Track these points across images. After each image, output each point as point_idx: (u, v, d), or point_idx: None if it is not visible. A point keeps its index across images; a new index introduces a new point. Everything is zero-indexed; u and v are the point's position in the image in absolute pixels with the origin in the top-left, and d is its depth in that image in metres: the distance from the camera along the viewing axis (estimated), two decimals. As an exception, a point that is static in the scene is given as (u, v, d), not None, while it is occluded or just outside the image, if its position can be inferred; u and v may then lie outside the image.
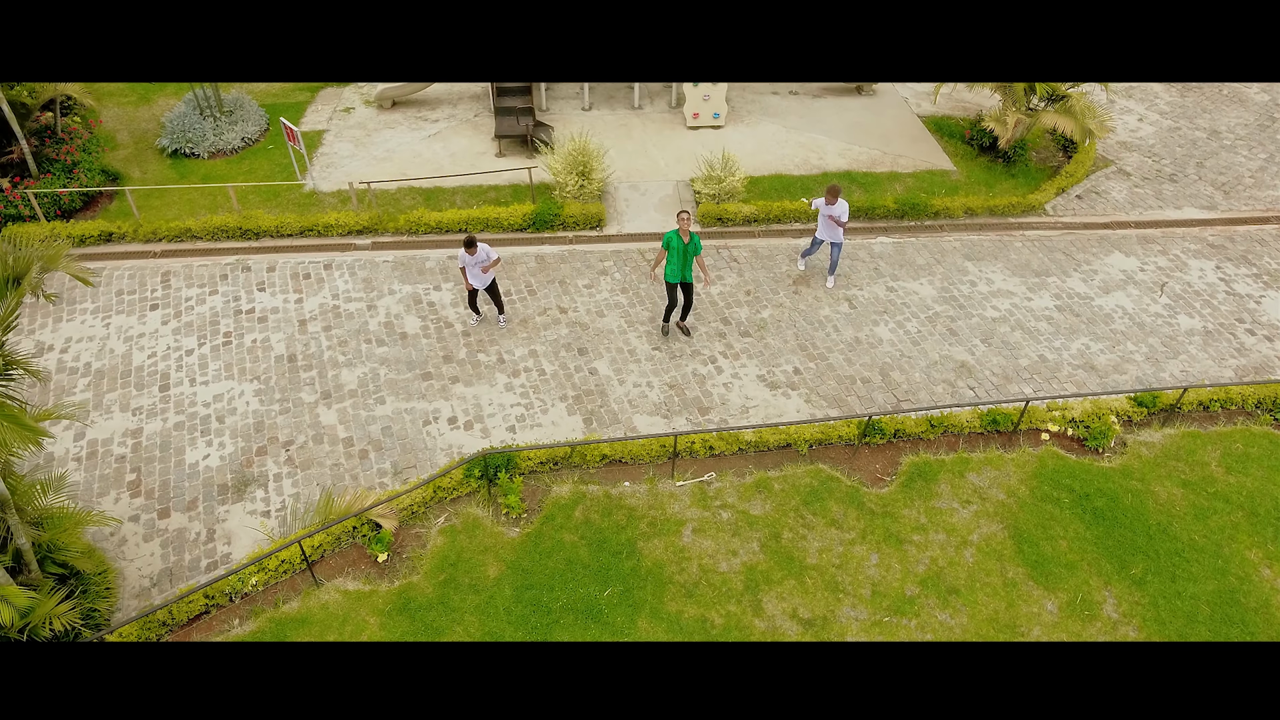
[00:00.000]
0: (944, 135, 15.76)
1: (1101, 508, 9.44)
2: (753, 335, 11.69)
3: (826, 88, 17.06)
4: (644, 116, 16.13)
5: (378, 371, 11.03)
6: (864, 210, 13.63)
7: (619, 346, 11.49)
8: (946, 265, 13.03)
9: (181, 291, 12.18)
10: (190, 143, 14.74)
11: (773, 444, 10.03)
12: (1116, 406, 10.37)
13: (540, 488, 9.60)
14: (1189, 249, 13.53)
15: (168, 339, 11.42)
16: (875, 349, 11.55)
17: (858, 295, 12.42)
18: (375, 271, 12.62)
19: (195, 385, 10.78)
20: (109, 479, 9.66)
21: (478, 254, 10.57)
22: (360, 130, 15.65)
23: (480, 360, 11.23)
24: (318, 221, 13.02)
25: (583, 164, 13.27)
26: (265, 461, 9.89)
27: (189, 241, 12.98)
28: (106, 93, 16.51)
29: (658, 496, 9.53)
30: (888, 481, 9.78)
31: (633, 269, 12.80)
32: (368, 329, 11.64)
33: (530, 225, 13.25)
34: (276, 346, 11.34)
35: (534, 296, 12.27)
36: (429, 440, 10.20)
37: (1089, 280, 12.82)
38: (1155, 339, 11.83)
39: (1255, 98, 17.38)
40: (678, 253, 10.57)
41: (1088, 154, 14.88)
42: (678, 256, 10.61)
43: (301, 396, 10.67)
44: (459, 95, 16.74)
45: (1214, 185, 14.86)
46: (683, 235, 10.46)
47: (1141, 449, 10.11)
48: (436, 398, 10.70)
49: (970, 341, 11.70)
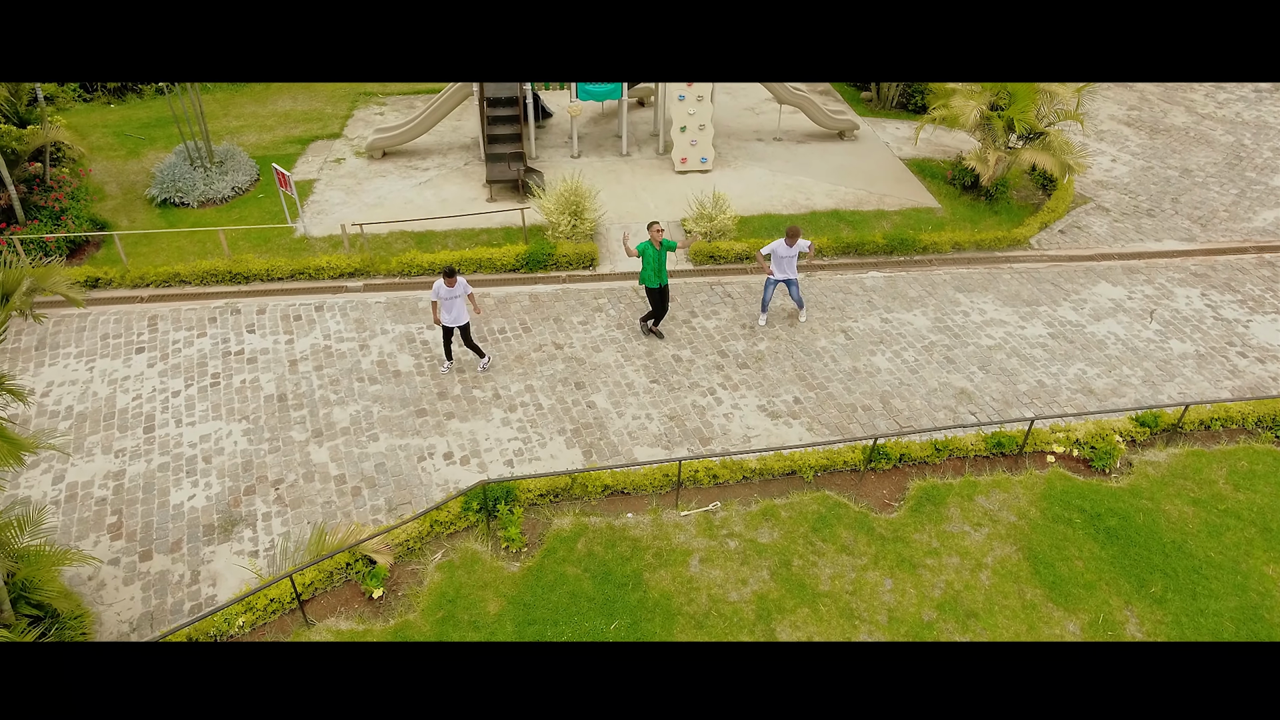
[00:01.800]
0: (926, 176, 16.11)
1: (1114, 527, 9.27)
2: (751, 367, 11.61)
3: (810, 134, 17.47)
4: (632, 163, 16.37)
5: (370, 409, 10.77)
6: (853, 246, 13.78)
7: (616, 380, 11.35)
8: (938, 297, 13.12)
9: (169, 335, 11.95)
10: (180, 192, 14.72)
11: (777, 471, 9.83)
12: (1119, 427, 10.31)
13: (541, 521, 9.29)
14: (1173, 278, 13.76)
15: (153, 381, 11.13)
16: (874, 378, 11.49)
17: (853, 327, 12.43)
18: (367, 312, 12.48)
19: (181, 426, 10.45)
20: (88, 522, 9.23)
21: (456, 286, 10.40)
22: (351, 179, 15.73)
23: (476, 396, 11.02)
24: (309, 264, 12.93)
25: (575, 204, 13.37)
26: (254, 501, 9.53)
27: (177, 286, 12.80)
28: (96, 146, 16.56)
29: (662, 527, 9.25)
30: (896, 506, 9.58)
31: (627, 305, 12.76)
32: (360, 368, 11.43)
33: (523, 265, 13.24)
34: (266, 386, 11.08)
35: (529, 333, 12.15)
36: (424, 476, 9.90)
37: (1079, 309, 12.94)
38: (1150, 363, 11.89)
39: (1221, 139, 18.02)
40: (653, 260, 11.07)
41: (1067, 191, 15.24)
42: (653, 263, 11.09)
43: (292, 435, 10.37)
44: (449, 145, 16.95)
45: (1190, 219, 15.23)
46: (654, 244, 11.01)
47: (1148, 468, 10.02)
48: (431, 434, 10.44)
49: (968, 369, 11.68)
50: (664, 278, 11.35)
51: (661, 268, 11.24)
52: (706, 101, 15.53)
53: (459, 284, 10.41)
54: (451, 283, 10.30)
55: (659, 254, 11.12)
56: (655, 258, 11.12)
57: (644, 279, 11.36)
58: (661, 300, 11.62)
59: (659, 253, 11.10)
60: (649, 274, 11.28)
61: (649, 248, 11.07)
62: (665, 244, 11.08)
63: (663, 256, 11.17)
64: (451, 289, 10.36)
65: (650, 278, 11.31)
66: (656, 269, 11.22)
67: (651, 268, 11.20)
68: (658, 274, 11.27)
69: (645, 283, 11.39)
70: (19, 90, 14.15)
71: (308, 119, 17.92)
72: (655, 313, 11.79)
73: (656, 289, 11.47)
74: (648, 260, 11.15)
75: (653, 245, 11.05)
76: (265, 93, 19.14)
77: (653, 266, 11.19)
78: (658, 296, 11.58)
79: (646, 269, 11.23)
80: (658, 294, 11.55)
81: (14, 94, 13.88)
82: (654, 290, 11.51)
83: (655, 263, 11.16)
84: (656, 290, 11.50)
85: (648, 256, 11.12)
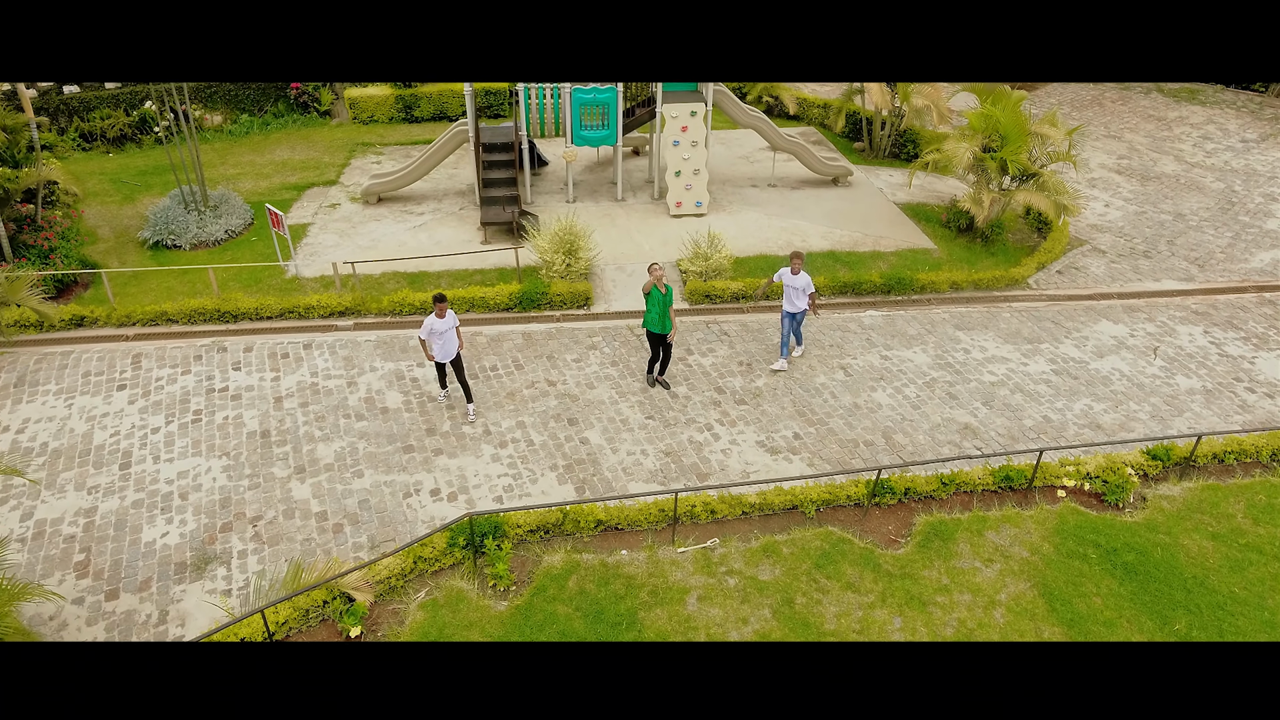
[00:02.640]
0: (921, 219, 16.13)
1: (1132, 562, 8.85)
2: (749, 403, 11.32)
3: (804, 180, 17.59)
4: (627, 208, 16.40)
5: (356, 445, 10.42)
6: (850, 285, 13.65)
7: (611, 416, 11.03)
8: (938, 334, 12.92)
9: (152, 372, 11.66)
10: (173, 234, 14.65)
11: (778, 506, 9.43)
12: (1131, 460, 9.98)
13: (530, 558, 8.85)
14: (1175, 316, 13.61)
15: (133, 418, 10.80)
16: (875, 413, 11.20)
17: (852, 364, 12.19)
18: (356, 350, 12.23)
19: (159, 463, 10.07)
20: (54, 560, 8.77)
21: (447, 317, 10.16)
22: (346, 223, 15.70)
23: (465, 432, 10.69)
24: (298, 303, 12.74)
25: (569, 243, 13.29)
26: (229, 538, 9.09)
27: (164, 325, 12.58)
28: (92, 192, 16.59)
29: (658, 564, 8.81)
30: (902, 542, 9.16)
31: (622, 343, 12.54)
32: (347, 404, 11.12)
33: (517, 304, 13.06)
34: (249, 423, 10.74)
35: (521, 371, 11.89)
36: (409, 513, 9.49)
37: (1081, 346, 12.74)
38: (1157, 398, 11.62)
39: (1211, 185, 18.17)
40: (658, 303, 10.66)
41: (1062, 233, 15.24)
42: (659, 306, 10.69)
43: (273, 471, 9.98)
44: (444, 191, 17.00)
45: (1188, 260, 15.20)
46: (659, 286, 10.64)
47: (1163, 503, 9.64)
48: (418, 470, 10.07)
49: (971, 404, 11.40)
50: (667, 324, 10.90)
51: (665, 313, 10.79)
52: (701, 147, 15.65)
53: (449, 315, 10.18)
54: (442, 311, 10.08)
55: (665, 298, 10.67)
56: (660, 301, 10.67)
57: (647, 322, 10.93)
58: (658, 345, 11.15)
59: (665, 296, 10.67)
60: (653, 318, 10.84)
61: (656, 291, 10.65)
62: (669, 293, 10.70)
63: (668, 300, 10.73)
64: (442, 319, 10.13)
65: (654, 322, 10.85)
66: (661, 313, 10.76)
67: (656, 311, 10.77)
68: (661, 319, 10.80)
69: (648, 326, 10.93)
70: (17, 137, 14.22)
71: (304, 167, 18.03)
72: (654, 357, 11.34)
73: (658, 335, 10.98)
74: (653, 303, 10.74)
75: (658, 288, 10.64)
76: (264, 142, 19.33)
77: (658, 310, 10.75)
78: (657, 342, 11.13)
79: (651, 312, 10.82)
80: (658, 340, 11.09)
81: (12, 140, 13.93)
82: (655, 336, 11.03)
83: (660, 306, 10.71)
84: (658, 336, 11.02)
85: (653, 298, 10.69)
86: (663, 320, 10.84)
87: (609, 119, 15.43)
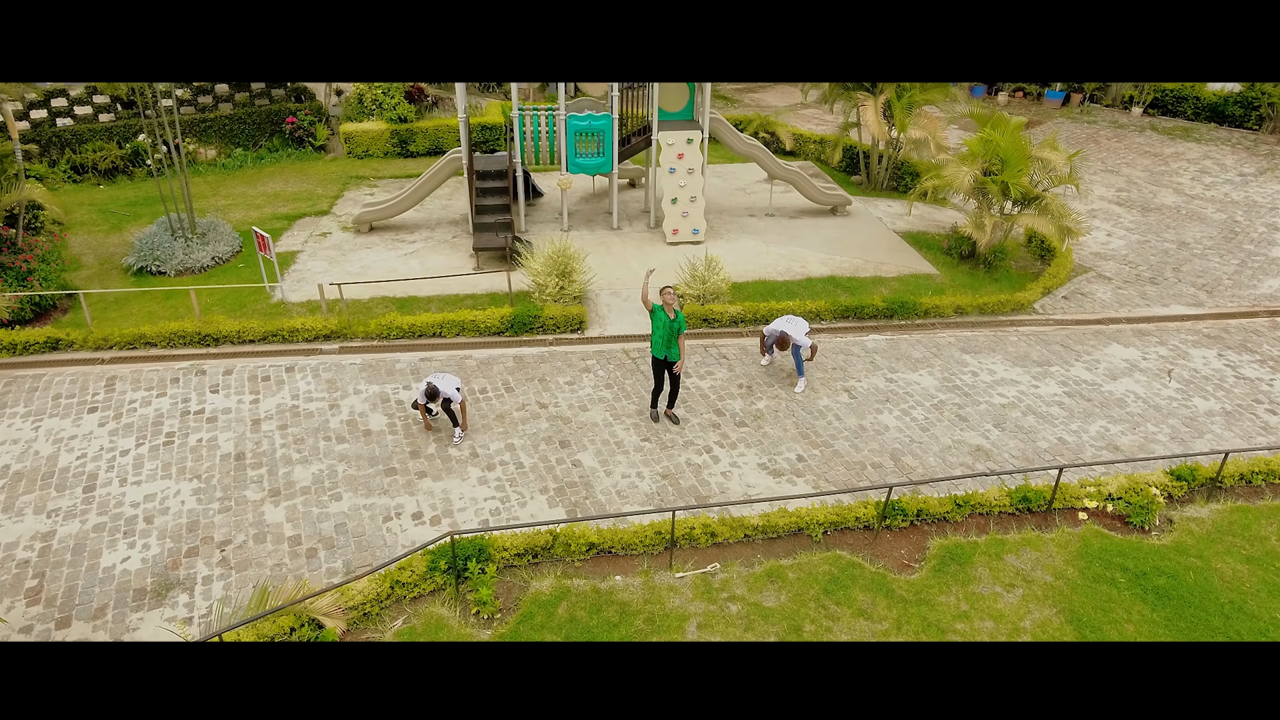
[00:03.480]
0: (922, 247, 15.86)
1: (1163, 587, 8.24)
2: (749, 425, 10.81)
3: (802, 210, 17.38)
4: (623, 236, 16.14)
5: (335, 468, 9.86)
6: (852, 310, 13.27)
7: (605, 438, 10.51)
8: (944, 358, 12.49)
9: (126, 395, 11.16)
10: (158, 261, 14.30)
11: (782, 529, 8.85)
12: (1155, 480, 9.44)
13: (517, 585, 8.23)
14: (1186, 339, 13.21)
15: (102, 440, 10.25)
16: (882, 435, 10.68)
17: (856, 386, 11.73)
18: (341, 373, 11.76)
19: (126, 485, 9.50)
20: (4, 586, 8.12)
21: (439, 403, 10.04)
22: (336, 250, 15.39)
23: (451, 455, 10.14)
24: (282, 326, 12.30)
25: (563, 264, 12.94)
26: (195, 563, 8.47)
27: (143, 349, 12.12)
28: (79, 222, 16.32)
29: (655, 590, 8.19)
30: (916, 566, 8.56)
31: (617, 366, 12.09)
32: (328, 426, 10.59)
33: (508, 328, 12.64)
34: (224, 445, 10.20)
35: (511, 393, 11.40)
36: (389, 537, 8.89)
37: (1093, 369, 12.30)
38: (1175, 420, 11.13)
39: (1213, 216, 17.98)
40: (663, 326, 10.07)
41: (1066, 258, 14.94)
42: (663, 330, 10.08)
43: (246, 495, 9.41)
44: (438, 220, 16.75)
45: (1195, 286, 14.88)
46: (667, 311, 10.04)
47: (1191, 525, 9.07)
48: (400, 493, 9.50)
49: (982, 426, 10.89)
50: (674, 353, 10.16)
51: (672, 340, 10.09)
52: (697, 174, 15.46)
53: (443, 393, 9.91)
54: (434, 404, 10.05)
55: (670, 324, 9.98)
56: (665, 325, 10.00)
57: (654, 348, 10.27)
58: (661, 373, 10.51)
59: (670, 322, 9.97)
60: (656, 340, 10.15)
61: (661, 312, 10.02)
62: (679, 320, 10.01)
63: (674, 330, 10.02)
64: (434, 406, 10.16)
65: (657, 345, 10.19)
66: (665, 337, 10.08)
67: (660, 334, 10.08)
68: (665, 343, 10.12)
69: (654, 352, 10.30)
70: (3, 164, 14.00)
71: (297, 198, 17.81)
72: (657, 387, 10.65)
73: (661, 360, 10.35)
74: (657, 325, 10.07)
75: (664, 311, 10.00)
76: (257, 175, 19.17)
77: (661, 334, 10.07)
78: (661, 370, 10.48)
79: (655, 333, 10.13)
80: (661, 368, 10.44)
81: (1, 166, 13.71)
82: (658, 363, 10.38)
83: (665, 330, 10.02)
84: (662, 363, 10.38)
85: (658, 320, 10.05)
86: (667, 344, 10.18)
87: (604, 146, 15.26)
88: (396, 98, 20.21)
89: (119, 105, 18.79)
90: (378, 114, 20.34)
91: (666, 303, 10.01)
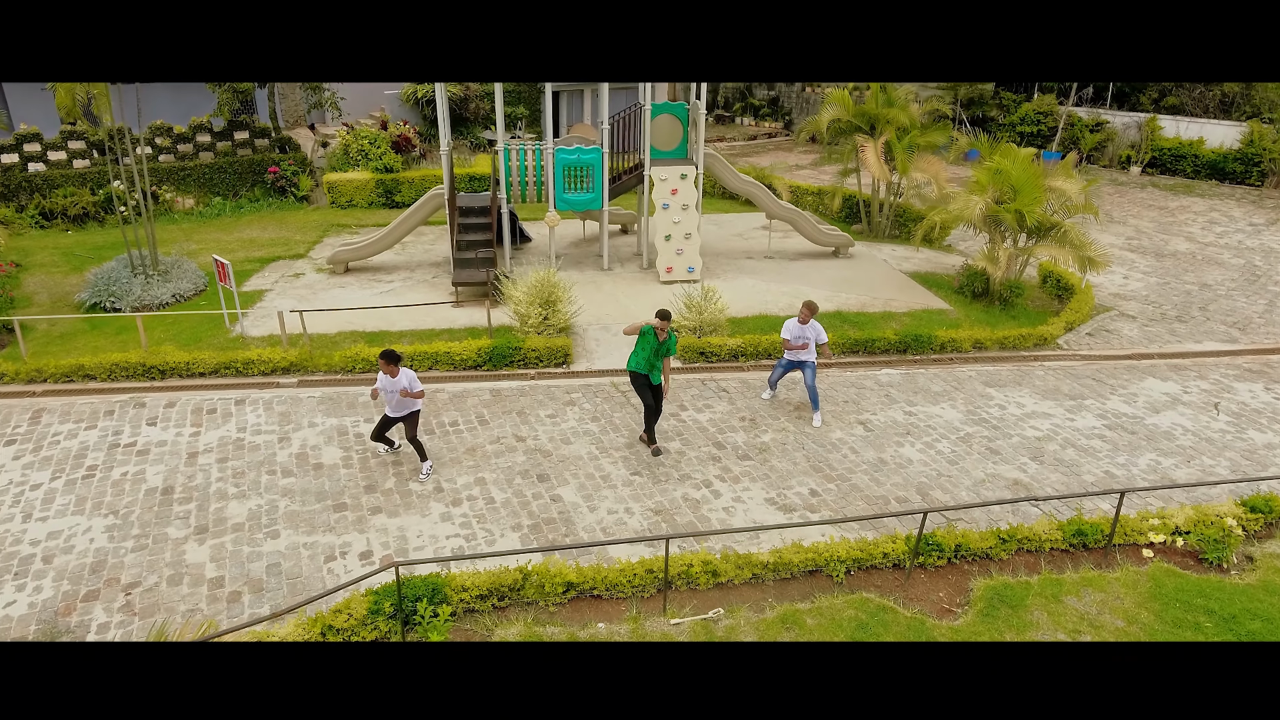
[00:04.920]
0: (932, 286, 14.94)
1: (1258, 631, 6.84)
2: (754, 458, 9.54)
3: (802, 252, 16.56)
4: (614, 276, 15.22)
5: (276, 503, 8.52)
6: (863, 344, 12.20)
7: (589, 472, 9.22)
8: (966, 391, 11.33)
9: (50, 427, 9.90)
10: (113, 296, 13.27)
11: (797, 567, 7.48)
12: (1226, 512, 8.14)
13: (478, 633, 6.80)
14: (1228, 374, 12.10)
15: (13, 473, 8.94)
16: (905, 469, 9.41)
17: (872, 419, 10.51)
18: (296, 406, 10.53)
19: (29, 522, 8.13)
20: None
21: (398, 376, 8.51)
22: (307, 289, 14.40)
23: (412, 489, 8.82)
24: (236, 358, 11.15)
25: (547, 294, 11.92)
26: (93, 608, 7.04)
27: (80, 381, 10.93)
28: (40, 264, 15.42)
29: (645, 639, 6.76)
30: (959, 611, 7.15)
31: (605, 399, 10.89)
32: (274, 460, 9.29)
33: (486, 361, 11.51)
34: (151, 479, 8.88)
35: (485, 426, 10.16)
36: (330, 579, 7.48)
37: (1132, 402, 11.14)
38: (1232, 453, 9.89)
39: (1230, 261, 17.20)
40: (649, 347, 9.14)
41: (1087, 294, 13.99)
42: (647, 347, 9.14)
43: (167, 532, 8.04)
44: (418, 262, 15.87)
45: (1226, 324, 13.88)
46: (659, 334, 9.15)
47: (1276, 561, 7.72)
48: (349, 530, 8.13)
49: (1018, 459, 9.64)
50: (655, 376, 9.32)
51: (656, 361, 9.24)
52: (692, 210, 14.68)
53: (402, 376, 8.52)
54: (393, 371, 8.48)
55: (659, 346, 9.21)
56: (652, 346, 9.18)
57: (631, 363, 9.33)
58: (643, 391, 9.44)
59: (660, 345, 9.21)
60: (639, 359, 9.24)
61: (651, 333, 9.20)
62: (670, 341, 9.24)
63: (661, 351, 9.24)
64: (394, 379, 8.52)
65: (640, 363, 9.25)
66: (649, 357, 9.20)
67: (644, 354, 9.22)
68: (648, 362, 9.22)
69: (633, 367, 9.31)
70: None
71: (273, 244, 16.97)
72: (648, 409, 9.52)
73: (642, 375, 9.34)
74: (642, 339, 9.21)
75: (655, 332, 9.18)
76: (234, 223, 18.40)
77: (646, 354, 9.19)
78: (642, 387, 9.42)
79: (640, 353, 9.25)
80: (642, 384, 9.41)
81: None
82: (638, 378, 9.39)
83: (651, 349, 9.18)
84: (642, 378, 9.36)
85: (645, 341, 9.20)
86: (650, 364, 9.24)
87: (594, 181, 14.52)
88: (383, 147, 19.71)
89: (95, 151, 18.18)
90: (363, 164, 19.79)
91: (659, 326, 9.09)
